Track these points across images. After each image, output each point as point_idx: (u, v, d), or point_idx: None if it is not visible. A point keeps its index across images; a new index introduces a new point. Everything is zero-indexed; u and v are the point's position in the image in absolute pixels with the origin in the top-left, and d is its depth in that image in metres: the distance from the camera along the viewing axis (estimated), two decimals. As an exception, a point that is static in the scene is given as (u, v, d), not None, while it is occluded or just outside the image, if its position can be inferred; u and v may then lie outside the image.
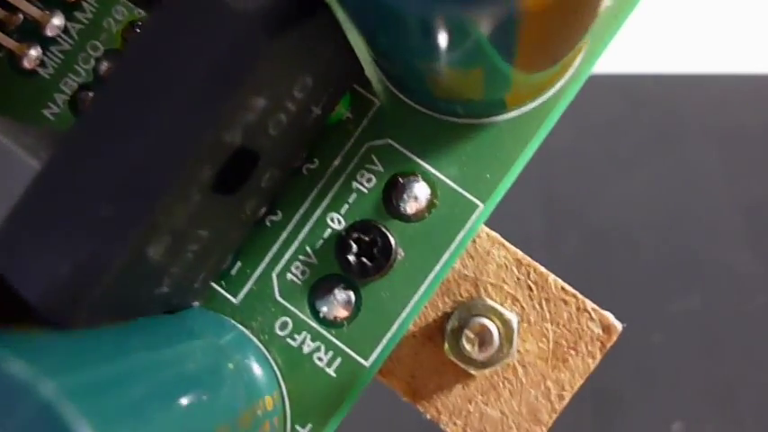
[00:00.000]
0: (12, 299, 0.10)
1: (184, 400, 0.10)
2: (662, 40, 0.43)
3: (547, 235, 0.44)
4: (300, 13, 0.10)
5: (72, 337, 0.10)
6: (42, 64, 0.15)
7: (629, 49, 0.42)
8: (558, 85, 0.14)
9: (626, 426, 0.42)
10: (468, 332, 0.13)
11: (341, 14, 0.11)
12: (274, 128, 0.12)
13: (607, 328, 0.14)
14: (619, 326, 0.14)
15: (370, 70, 0.14)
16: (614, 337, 0.14)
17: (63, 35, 0.15)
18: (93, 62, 0.15)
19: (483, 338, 0.13)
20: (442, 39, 0.09)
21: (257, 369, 0.14)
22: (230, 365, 0.12)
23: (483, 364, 0.14)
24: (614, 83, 0.44)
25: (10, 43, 0.15)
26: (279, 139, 0.12)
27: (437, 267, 0.14)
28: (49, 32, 0.15)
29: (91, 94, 0.15)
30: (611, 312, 0.14)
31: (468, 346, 0.13)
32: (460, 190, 0.14)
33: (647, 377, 0.42)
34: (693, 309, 0.43)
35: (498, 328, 0.14)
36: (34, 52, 0.15)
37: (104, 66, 0.15)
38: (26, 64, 0.15)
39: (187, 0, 0.10)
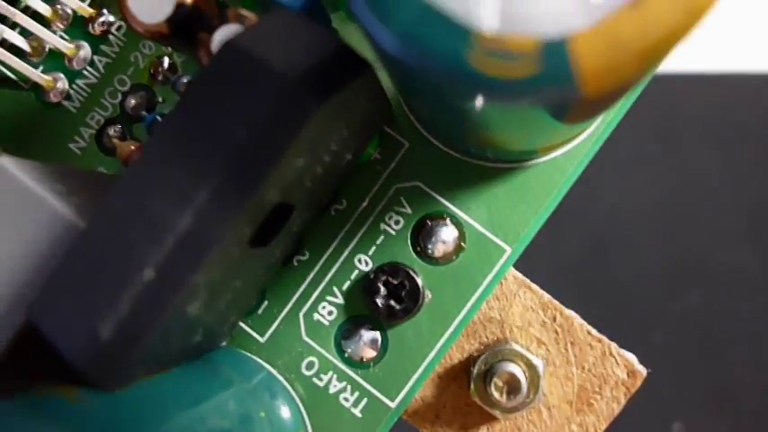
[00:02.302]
0: (53, 358, 0.10)
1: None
2: None
3: (547, 237, 0.44)
4: (345, 75, 0.10)
5: (114, 401, 0.10)
6: (68, 97, 0.15)
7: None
8: (588, 131, 0.14)
9: (626, 426, 0.42)
10: (497, 380, 0.13)
11: (382, 74, 0.11)
12: (310, 180, 0.12)
13: (632, 374, 0.14)
14: (644, 371, 0.14)
15: (401, 114, 0.14)
16: (639, 383, 0.14)
17: (89, 68, 0.15)
18: (119, 96, 0.15)
19: (511, 386, 0.13)
20: (491, 116, 0.09)
21: (285, 411, 0.14)
22: (262, 414, 0.12)
23: (510, 410, 0.14)
24: None
25: (37, 77, 0.15)
26: (313, 189, 0.12)
27: (464, 310, 0.14)
28: (76, 65, 0.15)
29: (118, 128, 0.15)
30: (612, 313, 0.14)
31: (496, 394, 0.13)
32: (488, 234, 0.14)
33: (648, 377, 0.42)
34: (693, 309, 0.43)
35: (524, 373, 0.14)
36: (60, 85, 0.15)
37: (132, 101, 0.15)
38: (52, 97, 0.15)
39: (235, 62, 0.10)
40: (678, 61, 0.43)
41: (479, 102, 0.09)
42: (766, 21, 0.43)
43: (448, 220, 0.14)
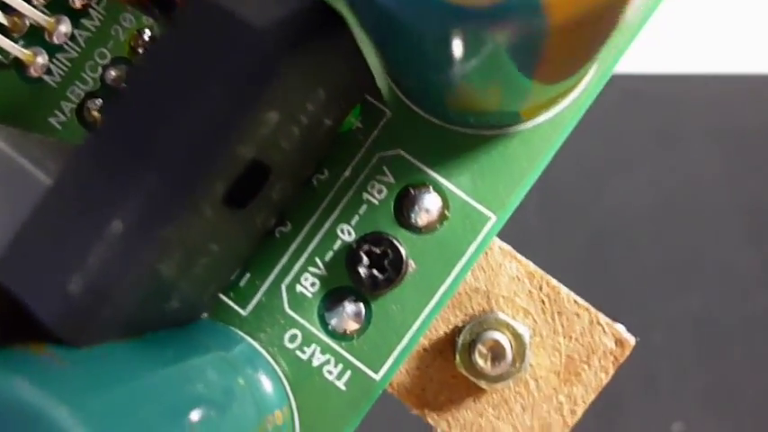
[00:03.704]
0: (23, 316, 0.10)
1: (196, 418, 0.10)
2: (662, 39, 0.43)
3: (547, 235, 0.44)
4: (317, 28, 0.10)
5: (83, 357, 0.10)
6: (49, 71, 0.15)
7: (629, 50, 0.42)
8: (572, 97, 0.14)
9: (626, 426, 0.41)
10: (480, 347, 0.13)
11: (356, 29, 0.11)
12: (286, 141, 0.12)
13: (620, 342, 0.14)
14: (632, 340, 0.14)
15: (382, 80, 0.14)
16: (627, 352, 0.14)
17: (70, 42, 0.15)
18: (100, 70, 0.15)
19: (496, 353, 0.13)
20: (462, 56, 0.09)
21: (267, 383, 0.14)
22: (241, 381, 0.12)
23: (495, 379, 0.13)
24: (614, 83, 0.44)
25: (17, 51, 0.15)
26: (290, 152, 0.12)
27: (449, 280, 0.14)
28: (56, 40, 0.15)
29: (98, 101, 0.15)
30: (612, 313, 0.14)
31: (480, 361, 0.13)
32: (472, 202, 0.14)
33: (647, 377, 0.42)
34: (693, 309, 0.42)
35: (510, 343, 0.14)
36: (41, 59, 0.15)
37: (112, 74, 0.15)
38: (33, 72, 0.15)
39: (204, 15, 0.10)
40: (678, 61, 0.43)
41: (450, 44, 0.09)
42: (766, 21, 0.43)
43: (431, 188, 0.14)
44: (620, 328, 0.14)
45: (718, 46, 0.43)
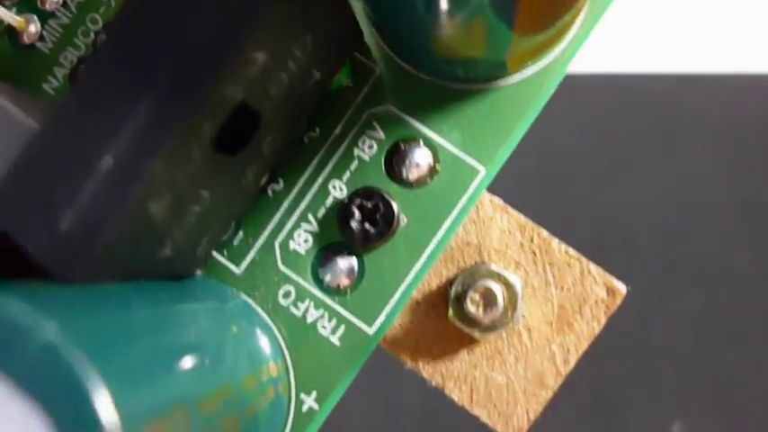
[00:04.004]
0: (13, 253, 0.10)
1: (186, 357, 0.10)
2: (662, 39, 0.43)
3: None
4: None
5: (74, 288, 0.10)
6: (41, 38, 0.15)
7: (629, 49, 0.42)
8: (557, 50, 0.14)
9: (626, 426, 0.41)
10: (472, 294, 0.13)
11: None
12: (275, 87, 0.12)
13: (612, 291, 0.14)
14: (623, 289, 0.14)
15: (370, 36, 0.14)
16: (618, 301, 0.14)
17: (62, 9, 0.15)
18: (92, 35, 0.15)
19: (487, 300, 0.13)
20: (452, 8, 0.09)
21: (261, 336, 0.14)
22: (234, 329, 0.12)
23: (487, 328, 0.14)
24: (614, 83, 0.44)
25: (10, 18, 0.15)
26: (279, 101, 0.12)
27: (440, 233, 0.14)
28: (48, 6, 0.15)
29: (91, 66, 0.15)
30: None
31: (472, 309, 0.13)
32: (462, 155, 0.14)
33: (647, 377, 0.42)
34: (693, 309, 0.42)
35: (502, 292, 0.14)
36: (33, 27, 0.15)
37: (104, 38, 0.15)
38: (25, 39, 0.15)
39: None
40: (678, 61, 0.43)
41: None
42: (766, 21, 0.43)
43: (421, 143, 0.14)
44: (612, 277, 0.14)
45: (719, 46, 0.43)
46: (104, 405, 0.08)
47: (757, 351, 0.41)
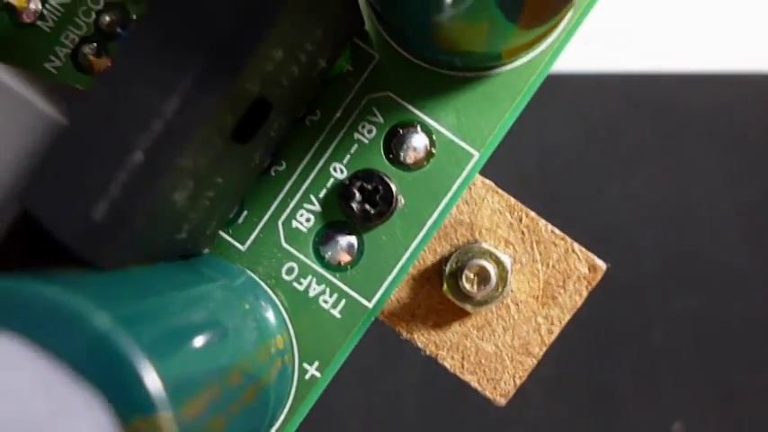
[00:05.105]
0: (45, 240, 0.11)
1: (212, 334, 0.11)
2: (662, 39, 0.42)
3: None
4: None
5: (107, 276, 0.10)
6: (42, 17, 0.15)
7: (629, 49, 0.41)
8: (548, 41, 0.15)
9: (626, 426, 0.41)
10: (467, 272, 0.14)
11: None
12: (287, 79, 0.12)
13: (593, 268, 0.15)
14: (603, 266, 0.15)
15: (370, 25, 0.15)
16: (599, 276, 0.15)
17: (62, -12, 0.15)
18: (93, 15, 0.15)
19: (482, 278, 0.14)
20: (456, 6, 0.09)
21: (268, 311, 0.14)
22: (246, 305, 0.13)
23: (479, 303, 0.15)
24: (614, 83, 0.43)
25: (10, -4, 0.15)
26: (289, 90, 0.13)
27: (435, 213, 0.15)
28: (49, -15, 0.15)
29: (93, 45, 0.15)
30: (612, 312, 0.15)
31: (467, 285, 0.14)
32: (457, 140, 0.15)
33: (647, 377, 0.41)
34: (693, 309, 0.41)
35: (494, 268, 0.15)
36: (33, 5, 0.15)
37: (106, 19, 0.15)
38: (25, 18, 0.15)
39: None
40: (678, 61, 0.43)
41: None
42: (766, 21, 0.43)
43: (418, 128, 0.15)
44: (593, 255, 0.15)
45: (719, 46, 0.42)
46: (155, 387, 0.09)
47: (757, 351, 0.41)
